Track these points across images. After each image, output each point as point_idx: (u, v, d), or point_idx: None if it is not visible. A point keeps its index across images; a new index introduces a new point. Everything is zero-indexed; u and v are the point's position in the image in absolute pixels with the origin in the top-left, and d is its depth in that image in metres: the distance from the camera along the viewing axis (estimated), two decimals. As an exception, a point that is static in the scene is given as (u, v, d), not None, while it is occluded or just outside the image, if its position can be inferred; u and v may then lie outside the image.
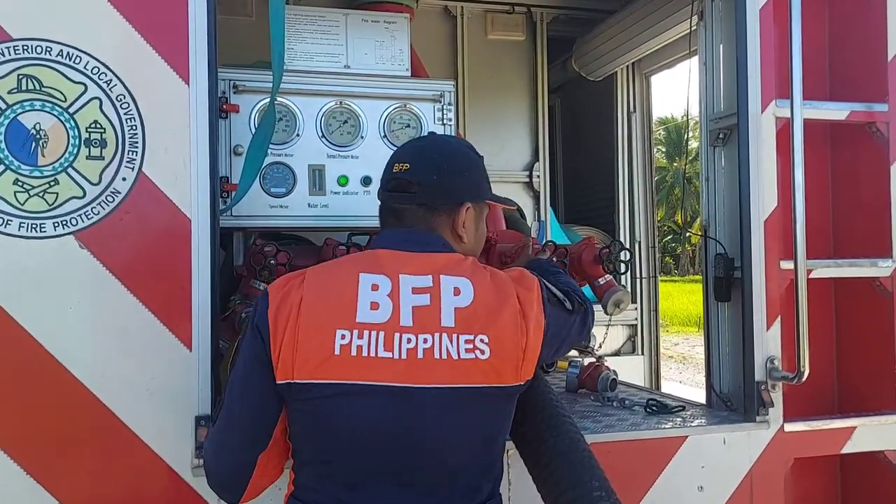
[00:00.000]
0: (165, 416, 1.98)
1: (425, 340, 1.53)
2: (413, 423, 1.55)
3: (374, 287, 1.58)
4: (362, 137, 2.64)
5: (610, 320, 3.25)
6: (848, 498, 2.70)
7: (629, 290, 4.24)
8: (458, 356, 1.54)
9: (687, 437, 2.35)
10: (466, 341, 1.54)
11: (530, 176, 4.29)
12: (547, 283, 1.71)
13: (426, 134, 1.88)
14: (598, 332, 3.70)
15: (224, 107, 2.49)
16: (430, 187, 1.68)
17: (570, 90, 4.75)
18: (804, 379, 2.35)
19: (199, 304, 1.99)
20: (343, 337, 1.53)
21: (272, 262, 2.52)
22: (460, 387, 1.55)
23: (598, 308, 3.13)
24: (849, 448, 2.52)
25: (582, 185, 4.82)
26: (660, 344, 4.43)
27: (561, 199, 4.84)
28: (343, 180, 2.61)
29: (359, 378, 1.53)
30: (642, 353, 4.37)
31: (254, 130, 2.45)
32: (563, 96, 4.80)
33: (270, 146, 2.54)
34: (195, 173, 2.01)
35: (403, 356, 1.53)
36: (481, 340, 1.55)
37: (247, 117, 2.52)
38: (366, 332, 1.54)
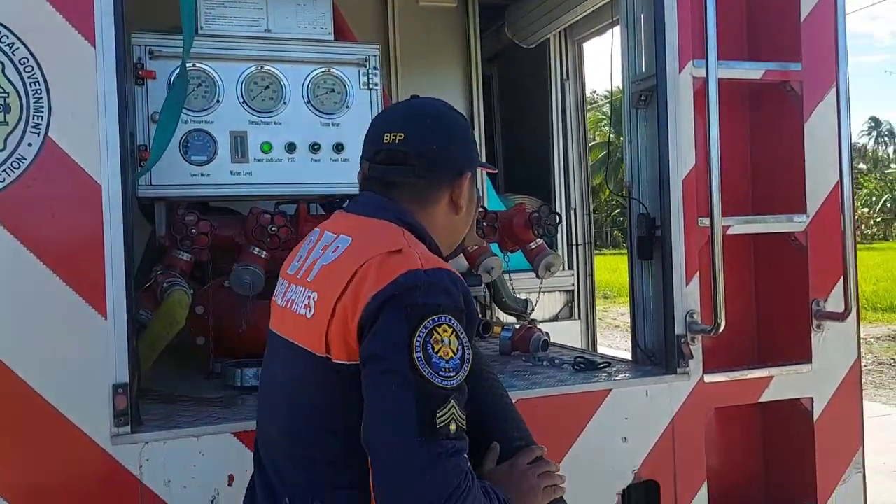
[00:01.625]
0: (83, 387, 1.95)
1: (297, 293, 1.52)
2: (273, 372, 1.58)
3: (309, 242, 1.61)
4: (285, 103, 2.62)
5: (542, 284, 3.32)
6: (768, 444, 2.80)
7: (562, 255, 4.31)
8: (299, 310, 1.48)
9: (610, 390, 2.41)
10: (308, 297, 1.46)
11: (466, 145, 4.29)
12: (426, 343, 1.31)
13: (409, 98, 1.67)
14: (532, 297, 3.77)
15: (140, 73, 2.45)
16: (430, 159, 1.54)
17: (506, 59, 4.75)
18: (721, 331, 2.43)
19: (113, 273, 1.95)
20: (279, 284, 1.64)
21: (194, 231, 2.49)
22: (290, 341, 1.50)
23: (530, 275, 3.21)
24: (766, 397, 2.61)
25: (519, 153, 4.85)
26: (595, 309, 4.51)
27: (500, 169, 4.87)
28: (266, 147, 2.58)
29: (270, 323, 1.62)
30: (579, 318, 4.45)
31: (169, 96, 2.41)
32: (499, 65, 4.80)
33: (190, 113, 2.51)
34: (104, 139, 1.96)
35: (284, 306, 1.56)
36: (313, 298, 1.44)
37: (164, 84, 2.48)
38: (283, 282, 1.61)
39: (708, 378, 2.52)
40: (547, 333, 3.13)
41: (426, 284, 1.34)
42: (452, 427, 1.32)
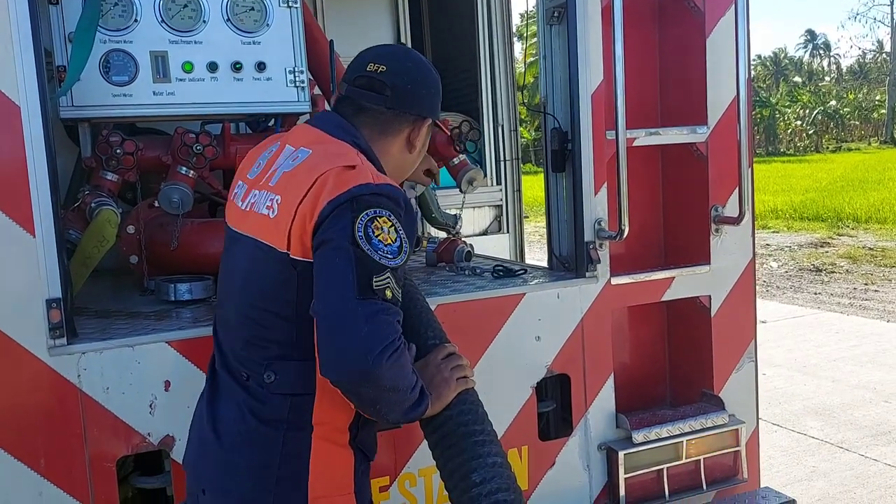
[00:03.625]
0: (17, 303, 2.03)
1: (259, 196, 1.71)
2: (233, 266, 1.76)
3: (270, 151, 1.80)
4: (205, 22, 2.63)
5: (464, 199, 3.46)
6: (672, 338, 3.06)
7: (484, 171, 4.44)
8: (261, 210, 1.68)
9: (525, 294, 2.60)
10: (271, 199, 1.66)
11: (394, 62, 4.31)
12: (367, 229, 1.52)
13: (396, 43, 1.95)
14: (460, 213, 3.92)
15: (53, -8, 2.43)
16: (402, 94, 1.74)
17: (434, -26, 4.75)
18: (625, 236, 2.62)
19: (39, 191, 2.01)
20: (238, 187, 1.83)
21: (119, 151, 2.53)
22: (252, 238, 1.69)
23: (455, 191, 3.32)
24: (668, 296, 2.84)
25: (448, 71, 4.89)
26: (523, 222, 4.69)
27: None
28: (188, 67, 2.61)
29: (228, 221, 1.83)
30: (508, 232, 4.63)
31: (84, 16, 2.40)
32: (428, -19, 4.79)
33: (108, 32, 2.51)
34: (19, 58, 1.98)
35: (246, 208, 1.74)
36: (276, 201, 1.64)
37: (79, 3, 2.46)
38: (243, 185, 1.81)
39: (615, 280, 2.72)
40: (471, 245, 3.29)
41: (374, 190, 1.56)
42: (388, 293, 1.51)
